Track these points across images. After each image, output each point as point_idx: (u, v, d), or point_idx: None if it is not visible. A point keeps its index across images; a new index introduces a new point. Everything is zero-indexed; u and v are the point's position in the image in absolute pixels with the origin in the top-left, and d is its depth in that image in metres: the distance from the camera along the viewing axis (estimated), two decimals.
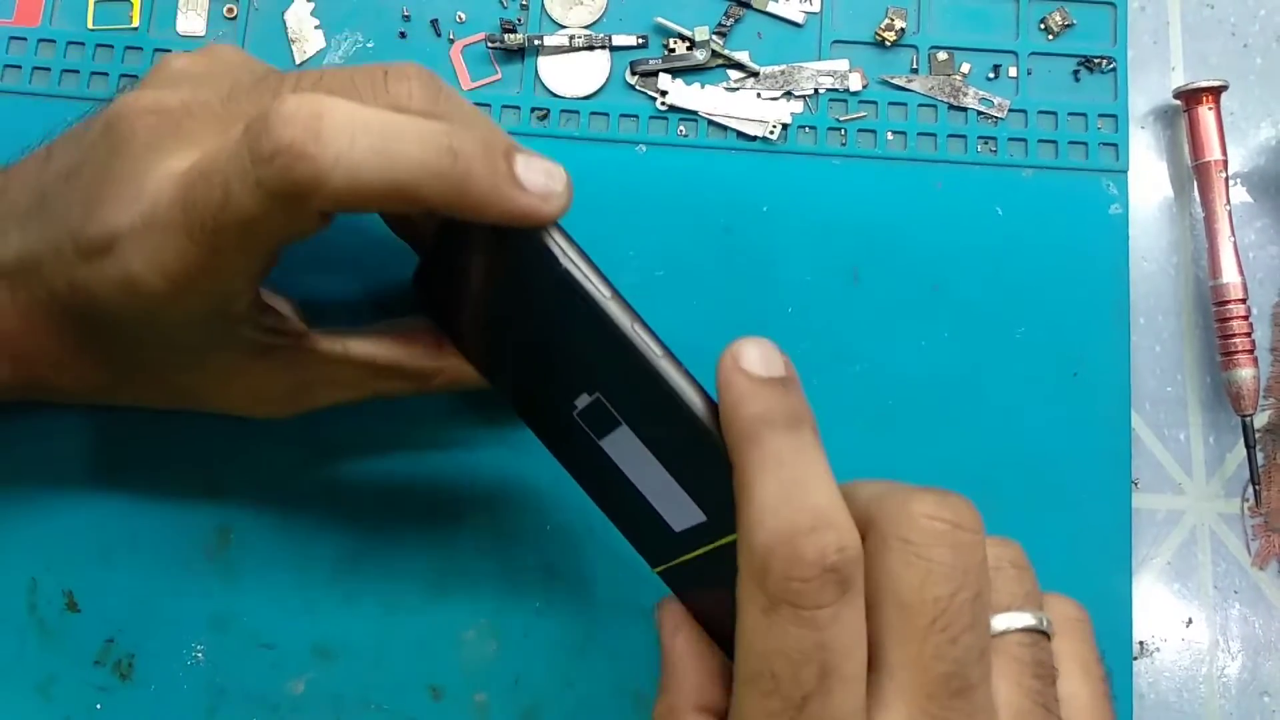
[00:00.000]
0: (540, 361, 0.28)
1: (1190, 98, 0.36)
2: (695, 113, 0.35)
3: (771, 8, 0.36)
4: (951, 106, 0.36)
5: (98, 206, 0.24)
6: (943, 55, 0.36)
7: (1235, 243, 0.35)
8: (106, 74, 0.36)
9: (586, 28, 0.36)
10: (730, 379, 0.22)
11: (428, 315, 0.30)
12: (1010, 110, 0.36)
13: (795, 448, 0.21)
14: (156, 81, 0.27)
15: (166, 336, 0.26)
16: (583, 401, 0.27)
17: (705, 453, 0.24)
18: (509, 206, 0.24)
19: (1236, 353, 0.34)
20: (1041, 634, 0.23)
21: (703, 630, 0.28)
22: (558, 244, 0.25)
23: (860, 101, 0.36)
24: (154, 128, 0.24)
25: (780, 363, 0.22)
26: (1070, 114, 0.36)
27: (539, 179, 0.24)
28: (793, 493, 0.21)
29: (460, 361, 0.29)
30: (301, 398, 0.29)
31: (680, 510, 0.28)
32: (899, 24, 0.36)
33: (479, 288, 0.28)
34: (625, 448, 0.27)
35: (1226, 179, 0.35)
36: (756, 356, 0.22)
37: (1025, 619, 0.23)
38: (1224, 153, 0.35)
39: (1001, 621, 0.23)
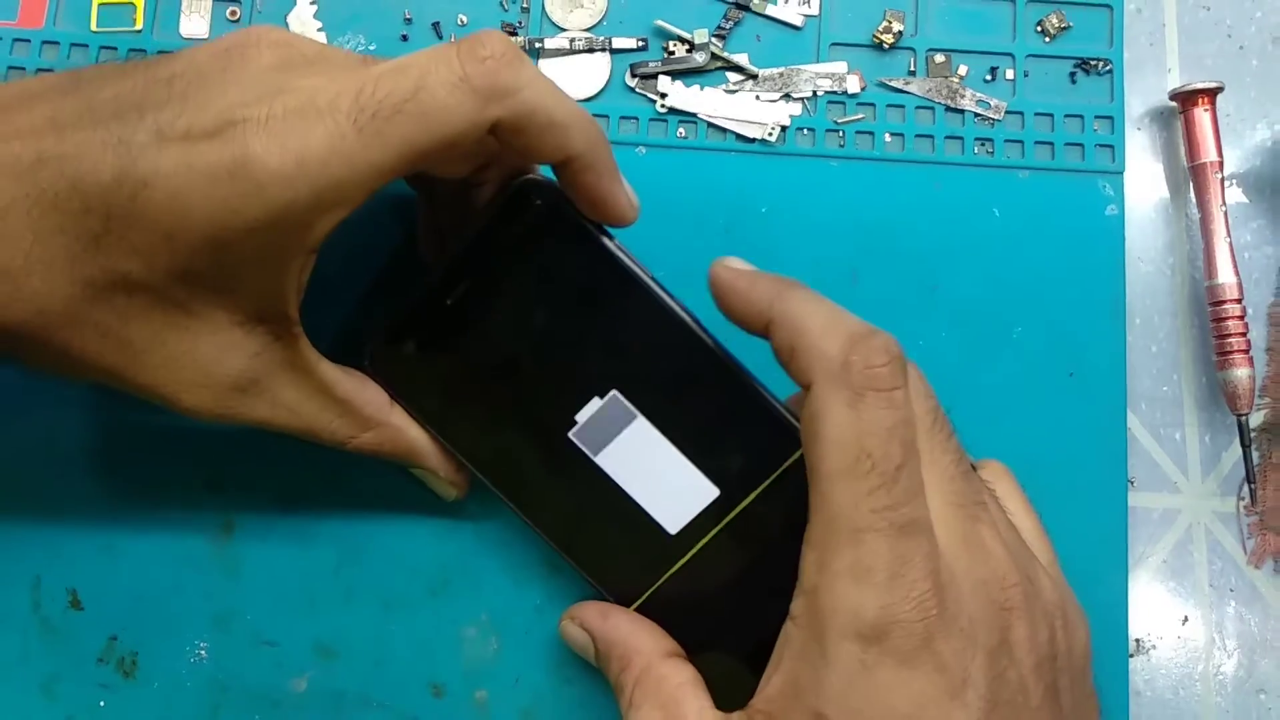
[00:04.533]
0: (543, 381, 0.28)
1: (1186, 99, 0.36)
2: (695, 115, 0.36)
3: (770, 11, 0.36)
4: (949, 108, 0.36)
5: (208, 99, 0.24)
6: (940, 57, 0.36)
7: (1231, 243, 0.35)
8: None
9: (587, 30, 0.36)
10: (736, 271, 0.27)
11: (384, 383, 0.29)
12: (1007, 112, 0.36)
13: (815, 294, 0.26)
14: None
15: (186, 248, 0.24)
16: (588, 412, 0.27)
17: (738, 407, 0.28)
18: (618, 199, 0.27)
19: (1232, 352, 0.34)
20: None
21: (632, 612, 0.30)
22: (617, 245, 0.28)
23: (858, 103, 0.36)
24: (286, 59, 0.25)
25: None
26: (1067, 115, 0.36)
27: (629, 187, 0.28)
28: (838, 312, 0.26)
29: (397, 431, 0.30)
30: (239, 396, 0.27)
31: (682, 503, 0.28)
32: (896, 26, 0.36)
33: (494, 310, 0.28)
34: (629, 449, 0.27)
35: (1222, 180, 0.35)
36: (739, 261, 0.28)
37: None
38: (1220, 154, 0.35)
39: None
